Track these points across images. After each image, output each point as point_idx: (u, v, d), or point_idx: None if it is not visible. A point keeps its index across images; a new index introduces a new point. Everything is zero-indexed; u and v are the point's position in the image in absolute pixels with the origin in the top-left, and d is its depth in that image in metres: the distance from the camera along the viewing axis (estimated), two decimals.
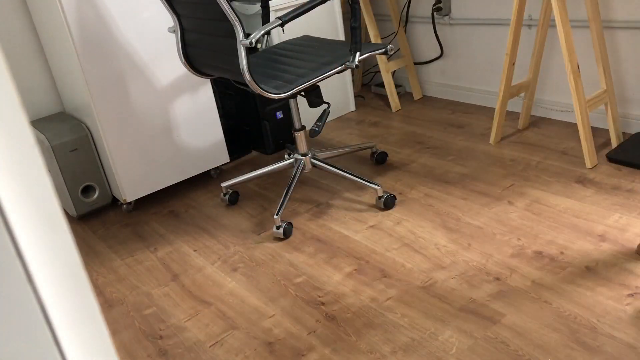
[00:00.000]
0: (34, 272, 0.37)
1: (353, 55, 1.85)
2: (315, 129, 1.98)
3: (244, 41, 1.64)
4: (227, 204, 2.25)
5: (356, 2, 1.79)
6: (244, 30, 1.65)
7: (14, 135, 0.36)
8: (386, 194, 2.02)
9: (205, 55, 1.88)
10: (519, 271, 1.61)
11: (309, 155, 2.18)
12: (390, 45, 1.93)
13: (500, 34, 2.62)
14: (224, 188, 2.25)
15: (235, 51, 1.72)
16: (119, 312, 1.74)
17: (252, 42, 1.62)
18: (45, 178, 0.38)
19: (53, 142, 2.17)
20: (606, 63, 2.12)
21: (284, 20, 1.66)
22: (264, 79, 1.89)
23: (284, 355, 1.46)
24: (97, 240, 2.17)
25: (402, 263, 1.73)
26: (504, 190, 2.03)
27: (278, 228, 1.96)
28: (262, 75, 1.93)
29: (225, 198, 2.25)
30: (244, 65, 1.69)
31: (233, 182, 2.22)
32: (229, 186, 2.25)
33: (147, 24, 2.13)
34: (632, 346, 1.31)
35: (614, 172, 2.03)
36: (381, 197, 2.02)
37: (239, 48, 1.67)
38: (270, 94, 1.76)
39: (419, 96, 3.07)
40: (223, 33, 1.70)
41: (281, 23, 1.65)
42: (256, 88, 1.73)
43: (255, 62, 2.05)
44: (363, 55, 1.88)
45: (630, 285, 1.49)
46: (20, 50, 2.36)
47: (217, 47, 1.78)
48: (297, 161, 2.19)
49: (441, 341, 1.41)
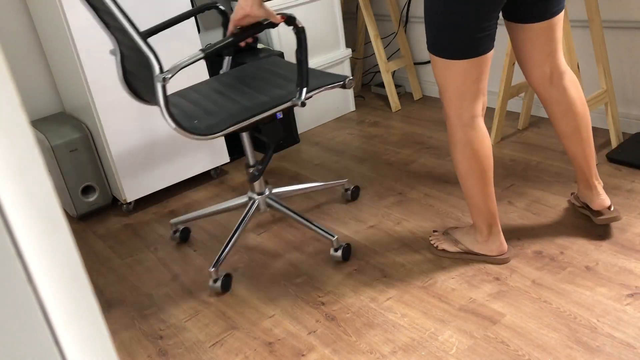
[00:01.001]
0: (34, 272, 0.37)
1: (299, 92, 1.64)
2: (254, 173, 1.80)
3: (158, 77, 1.45)
4: (178, 241, 2.04)
5: (302, 31, 1.58)
6: (159, 64, 1.45)
7: (14, 135, 0.36)
8: (342, 244, 1.78)
9: (140, 84, 1.68)
10: (519, 271, 1.61)
11: (265, 194, 1.93)
12: (349, 78, 1.72)
13: (500, 34, 2.62)
14: (173, 225, 2.04)
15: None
16: (119, 312, 1.74)
17: (167, 79, 1.44)
18: (45, 178, 0.38)
19: (53, 142, 2.17)
20: (606, 63, 2.12)
21: (206, 53, 1.47)
22: (200, 113, 1.67)
23: (284, 355, 1.46)
24: (97, 240, 2.17)
25: (402, 263, 1.73)
26: (504, 190, 2.03)
27: (215, 282, 1.72)
28: (201, 109, 1.69)
29: (175, 236, 2.03)
30: (161, 103, 1.49)
31: (182, 219, 2.02)
32: (179, 222, 2.03)
33: (147, 24, 2.13)
34: (632, 346, 1.31)
35: (614, 172, 2.03)
36: (337, 249, 1.77)
37: (155, 84, 1.47)
38: (196, 134, 1.54)
39: (419, 96, 3.07)
40: (146, 64, 1.51)
41: (204, 56, 1.46)
42: (178, 129, 1.52)
43: (196, 98, 1.79)
44: (311, 91, 1.67)
45: (630, 285, 1.49)
46: (20, 50, 2.36)
47: (144, 78, 1.59)
48: (250, 200, 1.93)
49: (441, 341, 1.42)
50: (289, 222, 2.06)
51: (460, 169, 1.57)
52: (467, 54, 1.43)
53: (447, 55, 1.45)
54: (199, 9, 1.84)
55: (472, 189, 1.58)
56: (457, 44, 1.42)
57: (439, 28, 1.43)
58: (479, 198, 1.58)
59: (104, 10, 1.50)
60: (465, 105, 1.49)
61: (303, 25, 1.58)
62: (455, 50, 1.43)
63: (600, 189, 1.69)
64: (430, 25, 1.46)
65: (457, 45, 1.42)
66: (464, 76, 1.46)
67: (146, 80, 1.56)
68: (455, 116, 1.51)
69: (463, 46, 1.42)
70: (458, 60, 1.44)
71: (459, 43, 1.42)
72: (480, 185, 1.56)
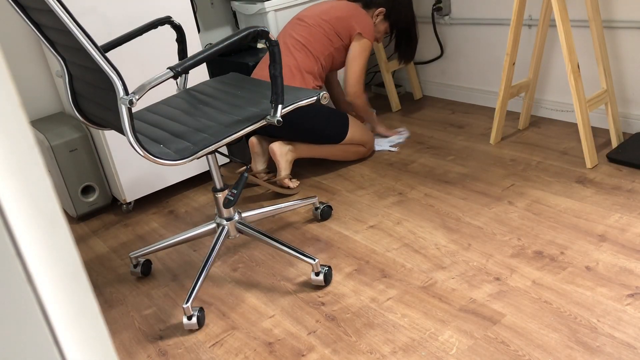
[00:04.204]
0: (34, 272, 0.37)
1: (274, 109, 1.54)
2: (230, 198, 1.73)
3: (123, 99, 1.33)
4: (139, 275, 1.89)
5: (274, 44, 1.49)
6: (124, 84, 1.34)
7: (14, 135, 0.36)
8: (323, 268, 1.68)
9: (94, 107, 1.56)
10: (519, 271, 1.61)
11: (235, 219, 1.80)
12: (323, 93, 1.61)
13: (500, 34, 2.62)
14: (133, 259, 1.88)
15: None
16: (119, 312, 1.74)
17: (133, 102, 1.32)
18: (45, 178, 0.38)
19: (53, 142, 2.17)
20: (606, 63, 2.12)
21: (175, 71, 1.37)
22: (165, 137, 1.56)
23: (284, 355, 1.46)
24: (97, 240, 2.17)
25: (402, 263, 1.73)
26: (504, 190, 2.03)
27: (190, 318, 1.60)
28: (167, 132, 1.59)
29: (136, 270, 1.88)
30: (127, 128, 1.37)
31: (143, 252, 1.87)
32: (139, 256, 1.88)
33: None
34: (633, 346, 1.31)
35: (614, 172, 2.03)
36: (318, 272, 1.68)
37: (120, 106, 1.35)
38: (164, 159, 1.42)
39: (419, 96, 3.07)
40: (105, 85, 1.39)
41: (173, 75, 1.37)
42: (147, 156, 1.41)
43: (159, 119, 1.69)
44: (287, 107, 1.57)
45: (630, 285, 1.49)
46: (20, 50, 2.36)
47: (102, 101, 1.48)
48: (219, 227, 1.80)
49: (441, 341, 1.41)
50: (287, 221, 2.06)
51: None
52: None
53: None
54: (152, 24, 1.74)
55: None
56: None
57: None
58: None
59: (52, 27, 1.40)
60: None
61: (276, 39, 1.53)
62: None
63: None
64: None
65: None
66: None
67: (104, 103, 1.45)
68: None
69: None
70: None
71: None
72: None
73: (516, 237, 1.77)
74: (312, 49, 2.30)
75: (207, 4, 2.81)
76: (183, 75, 1.69)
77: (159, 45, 2.18)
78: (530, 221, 1.83)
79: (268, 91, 1.74)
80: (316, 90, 1.65)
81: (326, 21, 2.34)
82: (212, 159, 1.74)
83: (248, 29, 1.46)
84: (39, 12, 1.36)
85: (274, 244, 1.73)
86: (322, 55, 2.32)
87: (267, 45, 1.49)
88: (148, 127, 1.64)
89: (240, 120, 1.57)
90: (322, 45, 2.32)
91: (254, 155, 2.32)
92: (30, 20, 1.47)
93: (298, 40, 2.31)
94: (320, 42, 2.31)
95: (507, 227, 1.82)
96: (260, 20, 2.62)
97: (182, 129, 1.58)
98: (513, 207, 1.92)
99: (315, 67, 2.30)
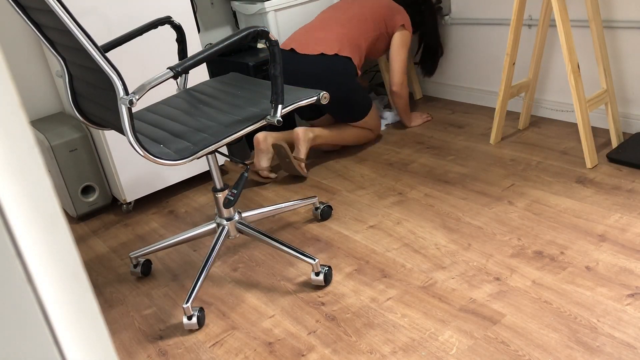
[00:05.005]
0: (34, 272, 0.37)
1: (274, 109, 1.54)
2: (230, 198, 1.72)
3: (123, 99, 1.33)
4: (139, 275, 1.89)
5: (274, 44, 1.48)
6: (124, 84, 1.34)
7: (14, 135, 0.36)
8: (323, 268, 1.68)
9: (94, 107, 1.56)
10: (519, 271, 1.61)
11: (235, 219, 1.81)
12: (323, 93, 1.63)
13: (500, 34, 2.62)
14: (133, 259, 1.88)
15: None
16: (119, 312, 1.74)
17: (133, 102, 1.32)
18: (45, 178, 0.38)
19: (53, 142, 2.17)
20: (606, 63, 2.12)
21: (175, 71, 1.37)
22: (165, 137, 1.56)
23: (284, 355, 1.46)
24: (97, 240, 2.17)
25: (402, 263, 1.73)
26: (504, 190, 2.03)
27: (190, 318, 1.60)
28: (167, 132, 1.59)
29: (136, 270, 1.88)
30: (127, 128, 1.37)
31: (143, 252, 1.87)
32: (139, 256, 1.88)
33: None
34: (633, 346, 1.31)
35: (614, 172, 2.03)
36: (318, 272, 1.68)
37: (120, 106, 1.35)
38: (164, 159, 1.42)
39: (419, 96, 3.07)
40: (105, 85, 1.39)
41: (173, 75, 1.37)
42: (147, 156, 1.41)
43: (159, 119, 1.69)
44: (287, 108, 1.57)
45: (630, 285, 1.49)
46: (20, 50, 2.36)
47: (102, 101, 1.48)
48: (219, 227, 1.80)
49: (441, 341, 1.41)
50: (287, 221, 2.06)
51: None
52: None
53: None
54: (152, 24, 1.74)
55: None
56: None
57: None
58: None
59: (52, 27, 1.40)
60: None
61: (277, 39, 1.53)
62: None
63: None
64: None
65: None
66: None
67: (104, 103, 1.45)
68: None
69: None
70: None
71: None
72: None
73: (516, 237, 1.77)
74: (361, 27, 2.44)
75: (207, 4, 2.81)
76: (183, 75, 1.67)
77: (159, 45, 2.18)
78: (530, 221, 1.83)
79: (268, 91, 1.74)
80: (316, 90, 1.66)
81: (374, 9, 2.48)
82: (212, 159, 1.74)
83: (248, 29, 1.46)
84: (39, 12, 1.37)
85: (274, 244, 1.73)
86: (369, 37, 2.46)
87: (267, 45, 1.49)
88: (148, 127, 1.64)
89: (240, 120, 1.57)
90: (369, 27, 2.46)
91: (259, 152, 2.32)
92: (30, 20, 1.47)
93: (350, 17, 2.45)
94: (368, 24, 2.46)
95: (507, 227, 1.82)
96: (260, 20, 2.62)
97: (182, 129, 1.58)
98: (513, 207, 1.92)
99: (364, 45, 2.44)
